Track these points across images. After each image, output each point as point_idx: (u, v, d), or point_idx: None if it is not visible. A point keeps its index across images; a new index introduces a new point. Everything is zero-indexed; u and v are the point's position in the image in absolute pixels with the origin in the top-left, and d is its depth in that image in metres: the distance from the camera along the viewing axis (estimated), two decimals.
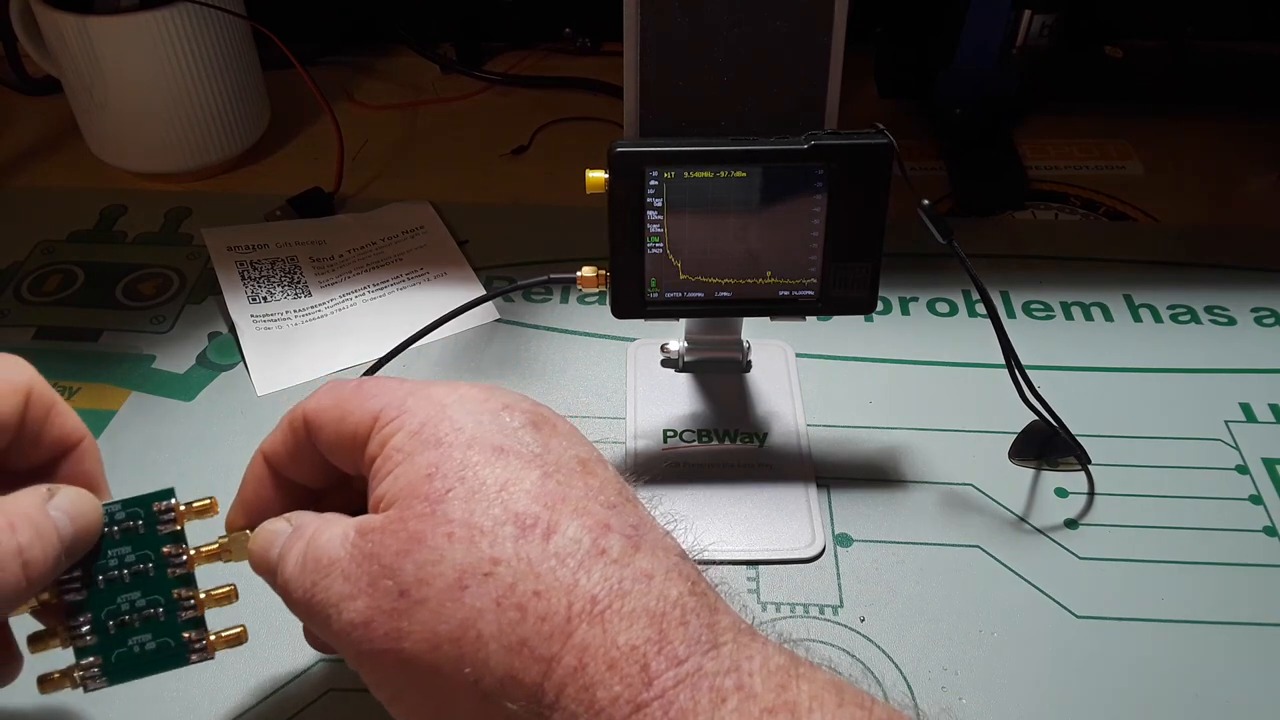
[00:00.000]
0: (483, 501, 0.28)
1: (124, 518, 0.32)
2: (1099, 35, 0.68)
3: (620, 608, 0.27)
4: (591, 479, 0.30)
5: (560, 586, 0.27)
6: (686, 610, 0.27)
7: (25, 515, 0.29)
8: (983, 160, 0.66)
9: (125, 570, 0.32)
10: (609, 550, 0.28)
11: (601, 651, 0.26)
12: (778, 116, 0.40)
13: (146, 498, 0.32)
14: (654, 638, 0.26)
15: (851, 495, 0.46)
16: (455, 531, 0.27)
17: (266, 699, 0.38)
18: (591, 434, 0.48)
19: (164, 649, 0.32)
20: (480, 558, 0.27)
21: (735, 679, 0.26)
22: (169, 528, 0.32)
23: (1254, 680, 0.39)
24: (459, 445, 0.29)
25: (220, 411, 0.50)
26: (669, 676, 0.26)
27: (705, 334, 0.50)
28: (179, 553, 0.32)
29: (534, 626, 0.26)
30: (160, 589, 0.32)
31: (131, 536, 0.32)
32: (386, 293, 0.56)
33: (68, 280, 0.57)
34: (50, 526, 0.29)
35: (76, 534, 0.30)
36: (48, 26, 0.60)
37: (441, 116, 0.72)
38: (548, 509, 0.28)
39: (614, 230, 0.41)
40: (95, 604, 0.32)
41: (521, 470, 0.29)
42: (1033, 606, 0.41)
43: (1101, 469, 0.46)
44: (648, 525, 0.29)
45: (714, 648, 0.27)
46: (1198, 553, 0.43)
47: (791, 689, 0.26)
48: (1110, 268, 0.58)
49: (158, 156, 0.63)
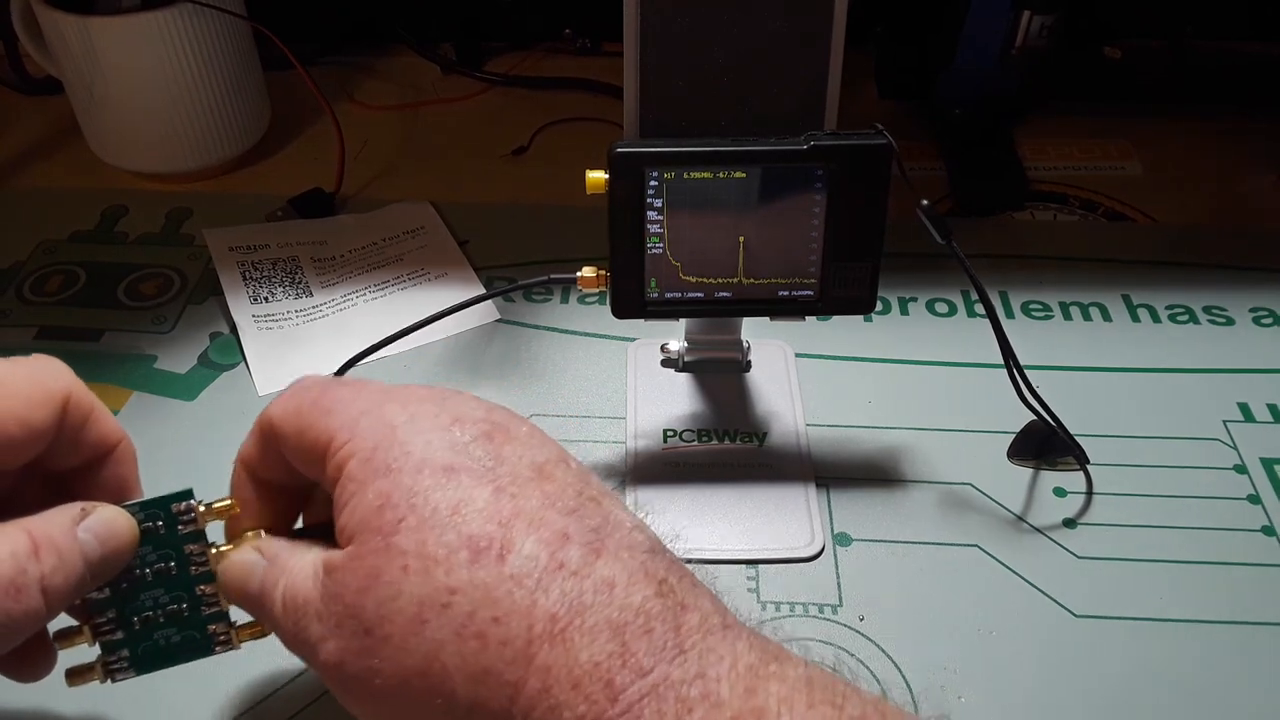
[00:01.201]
0: (435, 529, 0.27)
1: (144, 519, 0.32)
2: (1099, 35, 0.68)
3: (581, 624, 0.26)
4: (549, 484, 0.29)
5: (518, 610, 0.26)
6: (651, 616, 0.27)
7: (51, 540, 0.29)
8: (982, 160, 0.66)
9: (148, 570, 0.32)
10: (567, 563, 0.27)
11: (565, 672, 0.26)
12: (778, 116, 0.40)
13: (165, 499, 0.32)
14: (617, 651, 0.26)
15: (851, 495, 0.46)
16: (410, 564, 0.27)
17: (266, 699, 0.38)
18: (591, 434, 0.48)
19: (189, 641, 0.33)
20: (437, 588, 0.27)
21: (701, 687, 0.25)
22: (190, 527, 0.33)
23: (1253, 680, 0.39)
24: (408, 470, 0.28)
25: (222, 411, 0.50)
26: (634, 690, 0.25)
27: (705, 334, 0.50)
28: (201, 551, 0.33)
29: (496, 653, 0.26)
30: (184, 586, 0.33)
31: (153, 537, 0.32)
32: (387, 293, 0.56)
33: (69, 280, 0.57)
34: (75, 552, 0.29)
35: (105, 557, 0.30)
36: (48, 26, 0.60)
37: (442, 117, 0.72)
38: (502, 527, 0.27)
39: (614, 230, 0.41)
40: (119, 602, 0.32)
41: (473, 489, 0.28)
42: (1031, 606, 0.42)
43: (1100, 469, 0.46)
44: (613, 524, 0.29)
45: (680, 653, 0.26)
46: (1196, 552, 0.43)
47: (759, 692, 0.26)
48: (1109, 268, 0.58)
49: (159, 157, 0.63)
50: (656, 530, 0.30)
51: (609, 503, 0.30)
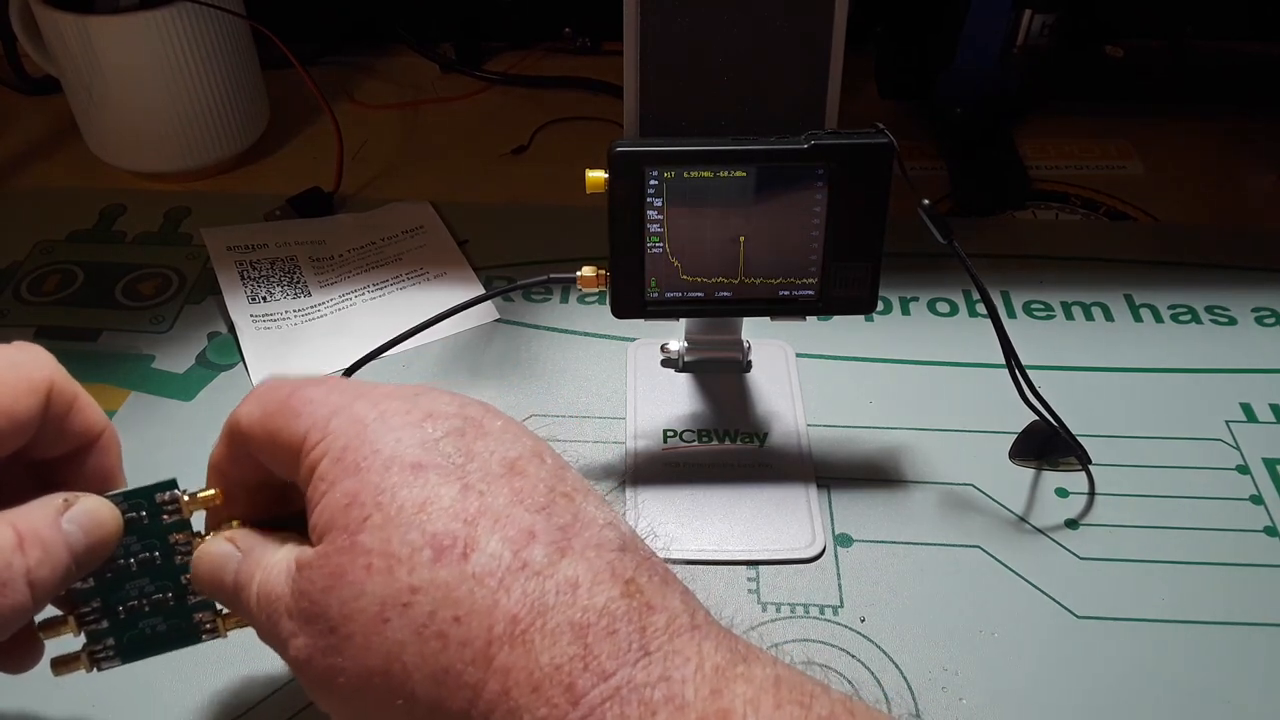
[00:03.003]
0: (400, 527, 0.27)
1: (128, 509, 0.32)
2: (1099, 35, 0.68)
3: (543, 625, 0.26)
4: (519, 480, 0.28)
5: (479, 610, 0.26)
6: (615, 617, 0.26)
7: (35, 533, 0.29)
8: (983, 160, 0.66)
9: (132, 560, 0.32)
10: (531, 562, 0.26)
11: (525, 674, 0.25)
12: (778, 116, 0.40)
13: (149, 489, 0.32)
14: (579, 654, 0.25)
15: (851, 495, 0.46)
16: (374, 562, 0.27)
17: (266, 699, 0.38)
18: (591, 434, 0.48)
19: (175, 630, 0.33)
20: (399, 588, 0.26)
21: (665, 689, 0.25)
22: (174, 517, 0.33)
23: (1254, 680, 0.39)
24: (376, 469, 0.28)
25: (220, 411, 0.49)
26: (596, 694, 0.25)
27: (705, 334, 0.50)
28: (185, 540, 0.33)
29: (456, 654, 0.26)
30: (169, 575, 0.33)
31: (137, 527, 0.32)
32: (386, 292, 0.56)
33: (67, 280, 0.57)
34: (60, 543, 0.29)
35: (90, 547, 0.30)
36: (47, 26, 0.59)
37: (441, 116, 0.72)
38: (467, 525, 0.27)
39: (614, 230, 0.41)
40: (104, 592, 0.32)
41: (440, 486, 0.27)
42: (1033, 606, 0.41)
43: (1102, 469, 0.46)
44: (582, 522, 0.28)
45: (644, 655, 0.26)
46: (1198, 553, 0.43)
47: (725, 694, 0.25)
48: (1110, 268, 0.58)
49: (157, 156, 0.63)
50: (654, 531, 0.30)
51: (582, 499, 0.29)
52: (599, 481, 0.46)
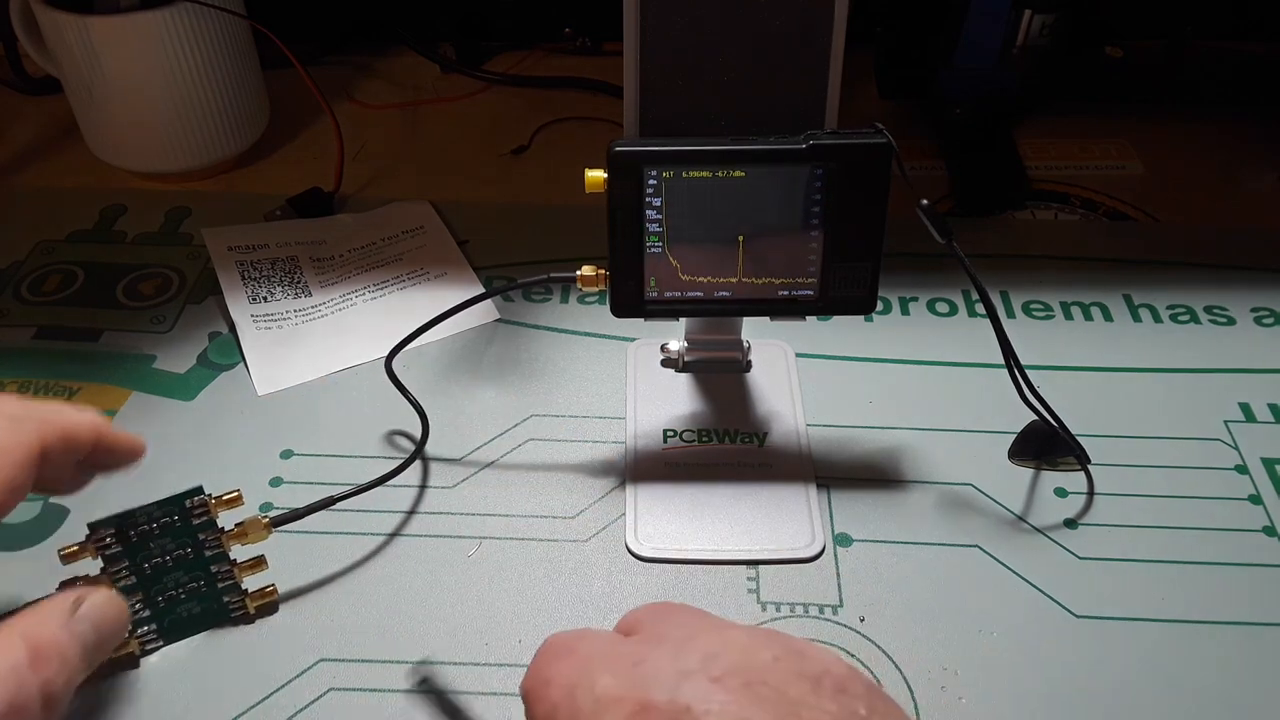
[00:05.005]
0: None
1: (160, 515, 0.37)
2: (1099, 35, 0.68)
3: None
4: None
5: None
6: None
7: (49, 644, 0.29)
8: (983, 160, 0.66)
9: (168, 557, 0.38)
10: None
11: None
12: (778, 116, 0.40)
13: (179, 496, 0.37)
14: None
15: (851, 495, 0.46)
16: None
17: (266, 699, 0.38)
18: (591, 434, 0.48)
19: (208, 611, 0.39)
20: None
21: None
22: (203, 518, 0.38)
23: (1254, 680, 0.39)
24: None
25: (221, 411, 0.50)
26: None
27: (705, 334, 0.50)
28: (214, 537, 0.38)
29: None
30: (201, 566, 0.39)
31: (170, 530, 0.38)
32: (387, 292, 0.56)
33: (68, 280, 0.57)
34: (74, 650, 0.30)
35: (100, 642, 0.31)
36: (48, 26, 0.60)
37: (441, 116, 0.72)
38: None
39: (613, 230, 0.41)
40: (146, 586, 0.38)
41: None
42: (1032, 606, 0.41)
43: (1101, 469, 0.46)
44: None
45: None
46: (1197, 553, 0.43)
47: None
48: (1110, 268, 0.58)
49: (157, 156, 0.63)
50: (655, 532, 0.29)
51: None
52: (599, 481, 0.46)
